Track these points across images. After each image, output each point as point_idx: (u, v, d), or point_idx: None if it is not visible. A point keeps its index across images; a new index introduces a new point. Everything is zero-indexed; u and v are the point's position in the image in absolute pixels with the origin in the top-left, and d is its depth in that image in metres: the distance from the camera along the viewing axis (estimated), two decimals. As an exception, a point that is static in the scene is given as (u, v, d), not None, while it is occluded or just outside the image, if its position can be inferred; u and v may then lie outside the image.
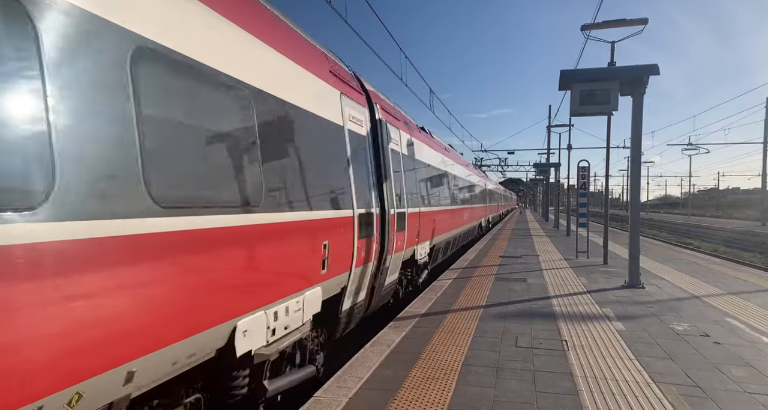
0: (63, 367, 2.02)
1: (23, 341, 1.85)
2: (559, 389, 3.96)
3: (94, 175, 2.15)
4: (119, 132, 2.32)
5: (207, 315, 2.90)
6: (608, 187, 12.60)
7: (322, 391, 3.92)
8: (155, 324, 2.51)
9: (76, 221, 2.03)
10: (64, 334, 2.00)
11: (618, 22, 11.36)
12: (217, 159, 3.08)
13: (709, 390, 3.95)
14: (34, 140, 1.91)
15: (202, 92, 2.99)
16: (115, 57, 2.37)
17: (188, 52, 2.86)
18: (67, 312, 2.01)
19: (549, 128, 30.65)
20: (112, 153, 2.26)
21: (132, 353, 2.36)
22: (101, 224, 2.15)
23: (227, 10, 3.34)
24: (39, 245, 1.88)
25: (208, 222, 2.87)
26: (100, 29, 2.28)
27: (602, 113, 9.29)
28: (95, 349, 2.16)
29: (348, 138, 5.41)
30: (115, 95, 2.33)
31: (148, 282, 2.44)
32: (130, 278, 2.34)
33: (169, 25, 2.75)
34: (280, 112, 3.93)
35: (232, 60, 3.31)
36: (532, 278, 9.53)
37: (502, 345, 5.14)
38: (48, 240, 1.91)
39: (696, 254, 15.53)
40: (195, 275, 2.79)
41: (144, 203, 2.39)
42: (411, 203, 8.16)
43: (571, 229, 20.98)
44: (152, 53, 2.60)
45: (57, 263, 1.95)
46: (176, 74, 2.77)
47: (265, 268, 3.53)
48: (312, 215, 4.28)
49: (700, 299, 7.55)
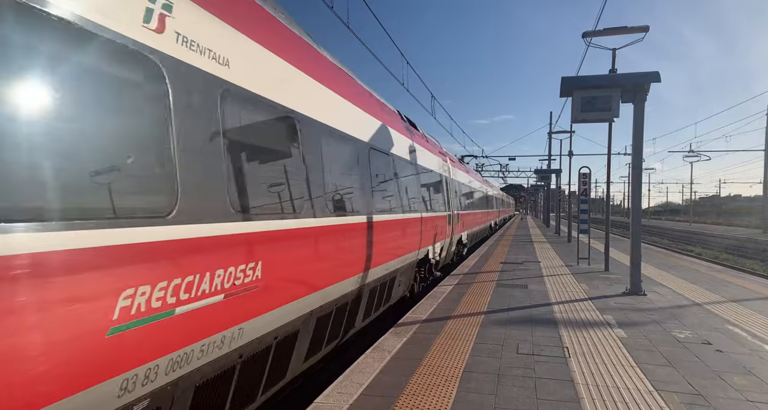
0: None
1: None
2: (560, 396, 3.94)
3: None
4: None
5: (420, 245, 9.10)
6: (609, 193, 12.61)
7: (323, 397, 3.90)
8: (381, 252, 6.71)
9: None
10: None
11: (619, 30, 11.39)
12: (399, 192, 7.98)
13: (711, 398, 3.94)
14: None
15: (375, 158, 6.94)
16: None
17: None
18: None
19: (550, 135, 30.67)
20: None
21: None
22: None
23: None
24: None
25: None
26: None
27: (603, 119, 9.31)
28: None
29: (445, 178, 12.72)
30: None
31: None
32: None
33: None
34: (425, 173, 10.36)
35: (383, 142, 7.24)
36: (533, 284, 9.51)
37: (503, 351, 5.13)
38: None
39: (697, 261, 15.50)
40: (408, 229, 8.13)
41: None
42: (459, 208, 14.67)
43: (572, 235, 20.95)
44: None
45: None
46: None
47: (432, 231, 10.12)
48: (444, 212, 11.76)
49: (702, 307, 7.53)
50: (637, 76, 8.45)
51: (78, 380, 2.17)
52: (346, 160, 5.75)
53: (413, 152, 9.36)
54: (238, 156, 3.44)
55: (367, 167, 6.38)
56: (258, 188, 3.69)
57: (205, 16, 3.15)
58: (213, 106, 3.16)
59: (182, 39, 2.90)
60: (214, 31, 3.24)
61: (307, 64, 4.81)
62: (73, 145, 2.23)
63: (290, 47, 4.51)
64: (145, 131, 2.65)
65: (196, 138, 2.98)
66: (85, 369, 2.20)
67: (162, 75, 2.72)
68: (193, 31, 3.00)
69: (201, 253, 2.91)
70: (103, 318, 2.24)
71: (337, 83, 5.67)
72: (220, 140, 3.20)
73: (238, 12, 3.64)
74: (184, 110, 2.87)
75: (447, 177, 12.97)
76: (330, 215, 4.90)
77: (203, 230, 2.93)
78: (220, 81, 3.25)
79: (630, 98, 8.51)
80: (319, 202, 4.67)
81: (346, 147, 5.76)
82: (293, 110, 4.28)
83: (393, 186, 7.61)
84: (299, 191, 4.32)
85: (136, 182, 2.59)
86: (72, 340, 2.11)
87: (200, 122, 3.04)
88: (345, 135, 5.68)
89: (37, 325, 1.98)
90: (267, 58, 3.94)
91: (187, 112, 2.91)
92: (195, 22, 3.02)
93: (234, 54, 3.43)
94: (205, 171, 3.01)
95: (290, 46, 4.53)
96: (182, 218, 2.76)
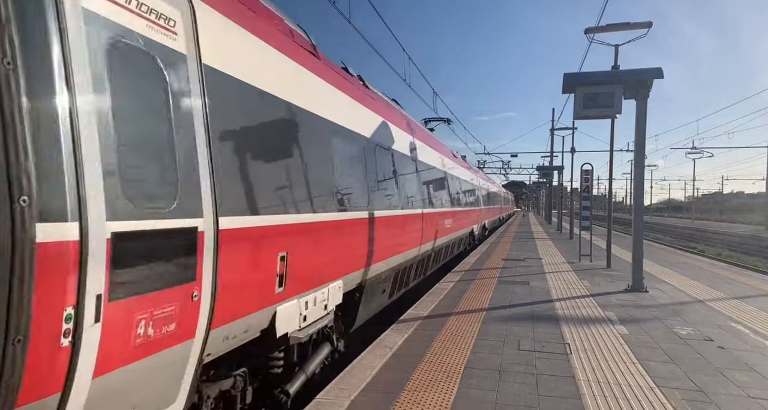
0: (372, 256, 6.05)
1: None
2: (561, 392, 3.94)
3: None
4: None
5: (472, 224, 17.23)
6: (612, 190, 12.58)
7: (325, 393, 3.91)
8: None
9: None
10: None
11: (622, 26, 11.33)
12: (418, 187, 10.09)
13: (712, 395, 3.94)
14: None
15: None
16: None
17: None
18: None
19: (552, 131, 30.60)
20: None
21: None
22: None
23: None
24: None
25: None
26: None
27: (606, 116, 9.27)
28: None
29: (474, 184, 18.98)
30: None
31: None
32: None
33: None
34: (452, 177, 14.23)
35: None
36: (534, 281, 9.51)
37: (505, 348, 5.13)
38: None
39: (700, 258, 15.47)
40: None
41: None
42: (478, 204, 19.02)
43: (573, 232, 20.93)
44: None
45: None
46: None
47: (478, 218, 18.76)
48: (468, 208, 16.21)
49: (704, 304, 7.52)
50: (640, 72, 8.41)
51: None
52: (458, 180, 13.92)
53: (472, 172, 18.40)
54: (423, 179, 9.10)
55: (460, 184, 13.99)
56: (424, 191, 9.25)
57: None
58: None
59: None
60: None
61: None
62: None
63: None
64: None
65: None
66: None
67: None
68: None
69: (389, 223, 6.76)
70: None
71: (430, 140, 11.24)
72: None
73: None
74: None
75: (477, 184, 19.77)
76: (445, 207, 11.18)
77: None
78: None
79: (632, 95, 8.48)
80: (438, 200, 10.53)
81: (465, 183, 13.93)
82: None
83: (464, 194, 15.05)
84: (434, 194, 10.10)
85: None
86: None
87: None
88: (465, 181, 14.99)
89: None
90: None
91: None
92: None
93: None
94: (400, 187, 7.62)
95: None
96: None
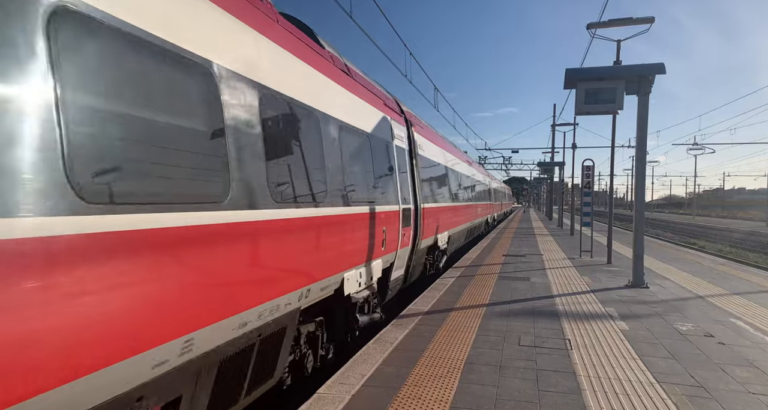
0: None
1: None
2: (562, 388, 3.95)
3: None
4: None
5: (494, 212, 24.52)
6: (613, 186, 12.56)
7: (325, 387, 3.93)
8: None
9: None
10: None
11: (624, 21, 11.29)
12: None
13: (713, 391, 3.94)
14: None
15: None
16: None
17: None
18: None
19: (553, 127, 30.53)
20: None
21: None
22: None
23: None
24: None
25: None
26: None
27: (607, 112, 9.22)
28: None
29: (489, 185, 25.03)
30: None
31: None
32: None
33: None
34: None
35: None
36: (535, 276, 9.51)
37: (505, 343, 5.14)
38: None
39: (701, 254, 15.46)
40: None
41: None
42: (493, 200, 23.62)
43: (574, 228, 20.93)
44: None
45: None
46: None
47: (499, 206, 29.79)
48: (483, 203, 20.43)
49: (705, 300, 7.52)
50: (642, 68, 8.37)
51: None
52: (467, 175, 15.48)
53: (489, 178, 21.07)
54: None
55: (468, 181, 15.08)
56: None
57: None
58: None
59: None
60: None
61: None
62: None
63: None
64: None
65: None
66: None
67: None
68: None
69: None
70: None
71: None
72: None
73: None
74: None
75: (493, 187, 20.24)
76: (459, 201, 12.74)
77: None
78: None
79: (634, 90, 8.44)
80: (477, 198, 15.55)
81: (477, 182, 16.13)
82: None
83: (485, 193, 17.39)
84: (475, 195, 14.58)
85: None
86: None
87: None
88: (493, 188, 20.01)
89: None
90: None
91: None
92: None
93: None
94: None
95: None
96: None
